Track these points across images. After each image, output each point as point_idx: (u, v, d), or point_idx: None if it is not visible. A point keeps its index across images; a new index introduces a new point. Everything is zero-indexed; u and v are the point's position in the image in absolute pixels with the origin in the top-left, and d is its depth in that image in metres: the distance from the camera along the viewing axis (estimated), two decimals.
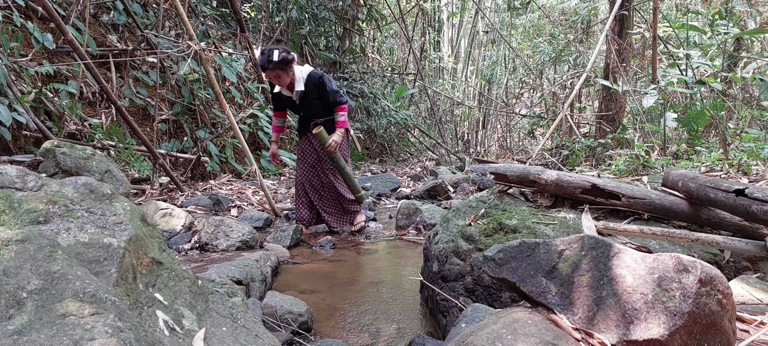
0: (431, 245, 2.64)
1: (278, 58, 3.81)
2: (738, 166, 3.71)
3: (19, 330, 1.01)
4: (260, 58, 3.88)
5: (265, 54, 3.83)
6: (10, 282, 1.09)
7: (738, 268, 2.02)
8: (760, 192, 1.71)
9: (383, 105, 12.27)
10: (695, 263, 1.15)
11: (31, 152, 4.53)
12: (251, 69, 8.78)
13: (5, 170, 1.42)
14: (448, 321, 2.23)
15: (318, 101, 4.09)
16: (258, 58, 3.95)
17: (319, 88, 4.02)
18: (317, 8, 10.44)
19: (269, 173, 7.62)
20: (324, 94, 4.04)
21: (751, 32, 5.62)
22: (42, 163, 3.92)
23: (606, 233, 2.14)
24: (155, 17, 6.93)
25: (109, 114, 5.72)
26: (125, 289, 1.25)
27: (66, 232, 1.28)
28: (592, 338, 1.20)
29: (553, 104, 11.82)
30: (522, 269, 1.44)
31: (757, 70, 6.20)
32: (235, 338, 1.47)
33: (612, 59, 7.18)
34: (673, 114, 5.19)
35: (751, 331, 1.30)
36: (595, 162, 6.77)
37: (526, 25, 14.95)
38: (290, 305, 2.31)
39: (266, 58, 3.82)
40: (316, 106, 4.11)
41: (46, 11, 4.46)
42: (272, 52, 3.81)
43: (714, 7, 7.38)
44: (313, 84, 4.01)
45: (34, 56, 5.06)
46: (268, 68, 3.84)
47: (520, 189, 2.70)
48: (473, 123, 18.86)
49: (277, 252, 3.55)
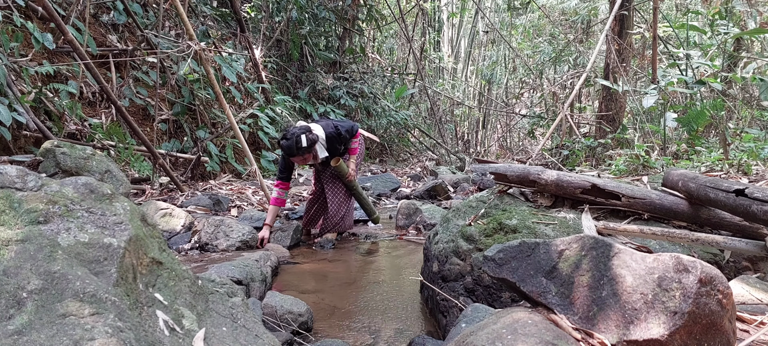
0: (431, 245, 2.64)
1: (307, 143, 3.64)
2: (738, 166, 3.71)
3: (19, 330, 1.01)
4: (284, 142, 3.68)
5: (291, 140, 3.63)
6: (10, 282, 1.09)
7: (738, 268, 2.02)
8: (760, 192, 1.71)
9: (383, 105, 12.27)
10: (695, 263, 1.15)
11: (31, 152, 4.53)
12: (251, 69, 8.78)
13: (5, 170, 1.42)
14: (448, 321, 2.23)
15: (341, 147, 4.03)
16: (281, 142, 3.73)
17: (339, 139, 3.94)
18: (317, 8, 10.44)
19: (269, 172, 7.62)
20: (344, 139, 3.99)
21: (751, 32, 5.62)
22: (42, 163, 3.92)
23: (606, 233, 2.14)
24: (155, 17, 6.93)
25: (109, 114, 5.72)
26: (125, 289, 1.25)
27: (66, 232, 1.28)
28: (592, 338, 1.20)
29: (553, 104, 11.82)
30: (522, 269, 1.44)
31: (757, 70, 6.20)
32: (235, 338, 1.47)
33: (612, 59, 7.18)
34: (673, 114, 5.19)
35: (751, 331, 1.30)
36: (595, 162, 6.77)
37: (526, 25, 14.95)
38: (290, 305, 2.31)
39: (294, 146, 3.63)
40: (338, 151, 4.02)
41: (46, 11, 4.46)
42: (300, 140, 3.62)
43: (714, 7, 7.38)
44: (334, 140, 3.92)
45: (34, 56, 5.06)
46: (296, 155, 3.69)
47: (520, 189, 2.70)
48: (473, 123, 18.86)
49: (277, 252, 3.55)
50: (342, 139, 3.98)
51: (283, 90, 10.38)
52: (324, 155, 3.87)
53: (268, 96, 8.89)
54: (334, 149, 3.97)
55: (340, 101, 10.98)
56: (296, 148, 3.63)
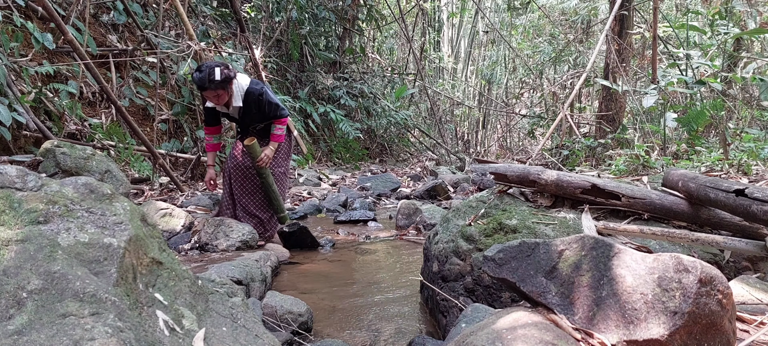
0: (431, 245, 2.64)
1: (220, 76, 3.39)
2: (738, 166, 3.71)
3: (19, 330, 1.02)
4: (196, 75, 3.42)
5: (204, 72, 3.38)
6: (10, 282, 1.09)
7: (738, 268, 2.02)
8: (760, 192, 1.71)
9: (383, 105, 12.27)
10: (695, 263, 1.15)
11: (31, 152, 4.53)
12: (251, 69, 8.78)
13: (5, 170, 1.42)
14: (448, 321, 2.23)
15: (258, 114, 3.73)
16: (194, 75, 3.47)
17: (258, 104, 3.66)
18: (317, 8, 10.44)
19: None
20: (263, 108, 3.70)
21: (751, 32, 5.62)
22: (42, 163, 3.92)
23: (606, 233, 2.14)
24: (155, 17, 6.92)
25: (109, 114, 5.72)
26: (125, 289, 1.25)
27: (66, 232, 1.28)
28: (592, 338, 1.20)
29: (553, 104, 11.82)
30: (522, 269, 1.44)
31: (757, 70, 6.20)
32: (235, 338, 1.47)
33: (612, 59, 7.18)
34: (673, 114, 5.19)
35: (751, 331, 1.30)
36: (595, 162, 6.77)
37: (526, 25, 14.95)
38: (290, 305, 2.31)
39: (206, 77, 3.37)
40: (256, 118, 3.76)
41: (46, 11, 4.46)
42: (213, 70, 3.38)
43: (714, 7, 7.38)
44: (253, 100, 3.65)
45: (34, 56, 5.06)
46: (208, 88, 3.42)
47: (520, 189, 2.70)
48: (473, 123, 18.87)
49: (277, 252, 3.55)
50: (262, 106, 3.66)
51: (283, 90, 10.38)
52: (238, 104, 3.60)
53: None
54: (250, 112, 3.68)
55: (340, 101, 10.99)
56: (208, 80, 3.37)
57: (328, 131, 11.25)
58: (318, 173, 8.24)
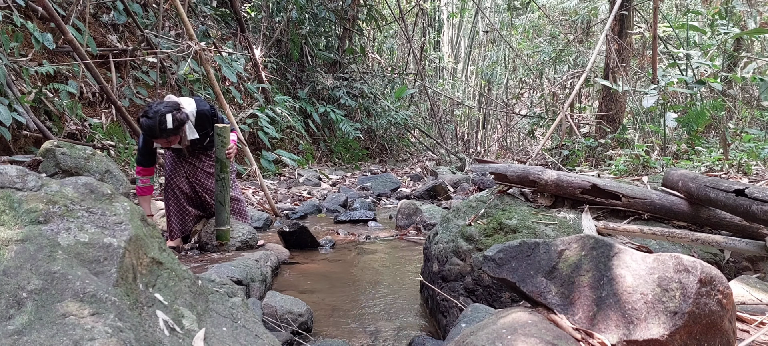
0: (431, 245, 2.64)
1: (173, 124, 3.03)
2: (738, 166, 3.71)
3: (19, 330, 1.01)
4: (144, 121, 3.02)
5: (153, 119, 2.98)
6: (10, 282, 1.09)
7: (738, 268, 2.02)
8: (760, 192, 1.71)
9: (383, 105, 12.27)
10: (695, 263, 1.15)
11: (31, 152, 4.53)
12: (251, 69, 8.78)
13: (5, 170, 1.42)
14: (448, 321, 2.23)
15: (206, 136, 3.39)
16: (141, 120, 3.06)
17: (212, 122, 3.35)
18: (317, 8, 10.44)
19: (269, 173, 7.62)
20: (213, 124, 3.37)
21: (751, 32, 5.62)
22: (42, 163, 3.91)
23: (606, 233, 2.14)
24: (155, 17, 6.93)
25: (109, 114, 5.72)
26: (125, 289, 1.25)
27: (66, 232, 1.28)
28: (592, 338, 1.20)
29: (553, 104, 11.81)
30: (522, 269, 1.44)
31: (757, 70, 6.20)
32: (235, 338, 1.47)
33: (612, 59, 7.18)
34: (673, 114, 5.19)
35: (751, 331, 1.30)
36: (595, 162, 6.77)
37: (526, 25, 14.94)
38: (290, 305, 2.31)
39: (156, 126, 2.99)
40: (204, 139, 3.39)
41: (46, 11, 4.46)
42: (164, 119, 2.99)
43: (714, 7, 7.38)
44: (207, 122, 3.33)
45: (34, 56, 5.06)
46: (159, 136, 3.07)
47: (520, 189, 2.70)
48: (473, 123, 18.87)
49: (277, 252, 3.55)
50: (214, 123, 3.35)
51: (283, 90, 10.38)
52: (193, 136, 3.24)
53: (268, 96, 8.90)
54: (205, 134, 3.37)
55: (340, 101, 10.99)
56: (159, 130, 3.00)
57: (328, 131, 11.25)
58: (318, 173, 8.24)
